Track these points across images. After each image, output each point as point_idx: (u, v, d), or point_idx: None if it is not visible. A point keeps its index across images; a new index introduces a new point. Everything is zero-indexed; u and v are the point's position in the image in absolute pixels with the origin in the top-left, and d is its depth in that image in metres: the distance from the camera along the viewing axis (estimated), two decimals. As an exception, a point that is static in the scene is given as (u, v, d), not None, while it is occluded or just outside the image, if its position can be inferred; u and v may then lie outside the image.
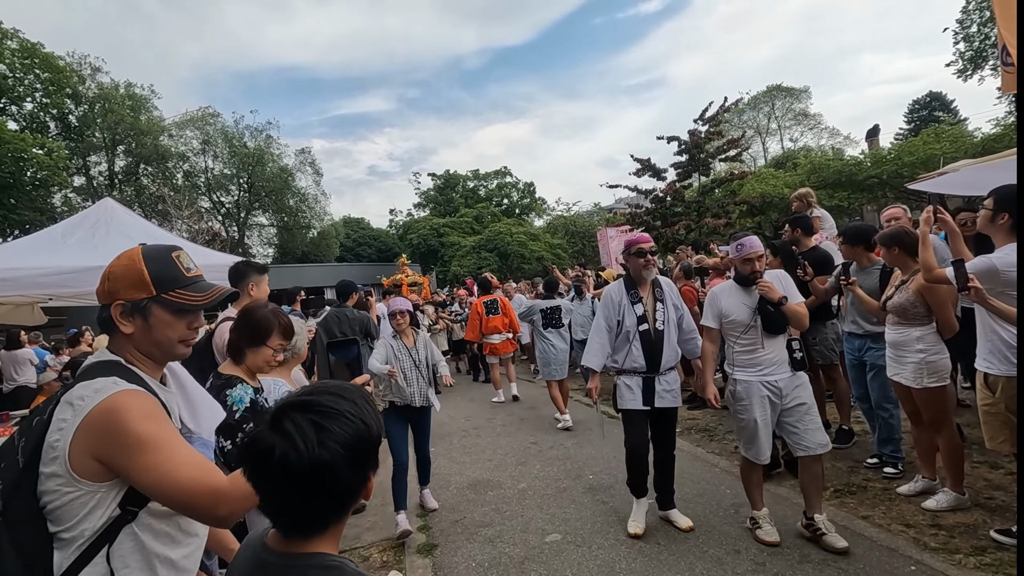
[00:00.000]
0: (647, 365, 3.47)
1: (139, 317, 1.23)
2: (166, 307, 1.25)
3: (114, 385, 1.10)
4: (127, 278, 1.22)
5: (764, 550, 3.15)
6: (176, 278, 1.27)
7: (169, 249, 1.31)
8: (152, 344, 1.25)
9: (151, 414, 1.12)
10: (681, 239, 13.62)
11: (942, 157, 11.69)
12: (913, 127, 33.32)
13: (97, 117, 27.06)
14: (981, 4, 24.34)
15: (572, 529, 3.67)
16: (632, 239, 3.63)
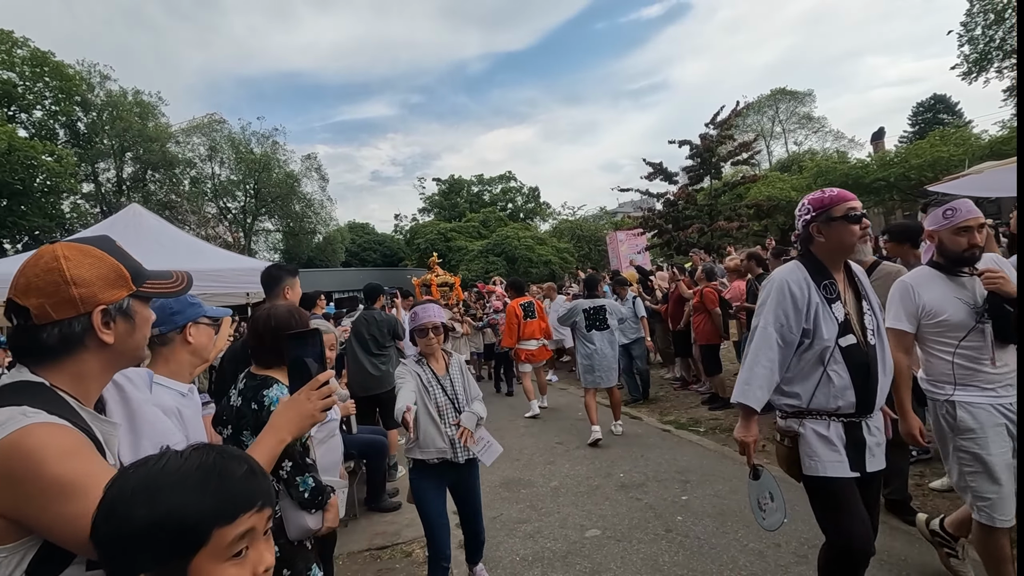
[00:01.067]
0: (857, 403, 2.11)
1: (122, 320, 1.03)
2: (144, 302, 1.09)
3: (23, 417, 0.85)
4: (102, 276, 1.00)
5: (805, 543, 3.21)
6: (140, 268, 1.10)
7: (107, 239, 1.09)
8: (129, 351, 1.07)
9: (72, 450, 0.88)
10: (693, 242, 13.71)
11: (967, 159, 11.74)
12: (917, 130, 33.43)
13: (105, 124, 27.26)
14: (985, 7, 24.46)
15: (610, 525, 3.73)
16: (831, 196, 2.15)
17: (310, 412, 1.22)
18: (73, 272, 0.98)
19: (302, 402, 1.22)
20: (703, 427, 5.91)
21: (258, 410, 2.05)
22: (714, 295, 6.20)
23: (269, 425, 1.18)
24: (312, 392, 1.23)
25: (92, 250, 1.02)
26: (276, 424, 1.19)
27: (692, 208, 15.13)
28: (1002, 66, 25.05)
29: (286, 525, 2.13)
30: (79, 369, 1.00)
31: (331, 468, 3.20)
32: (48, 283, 0.96)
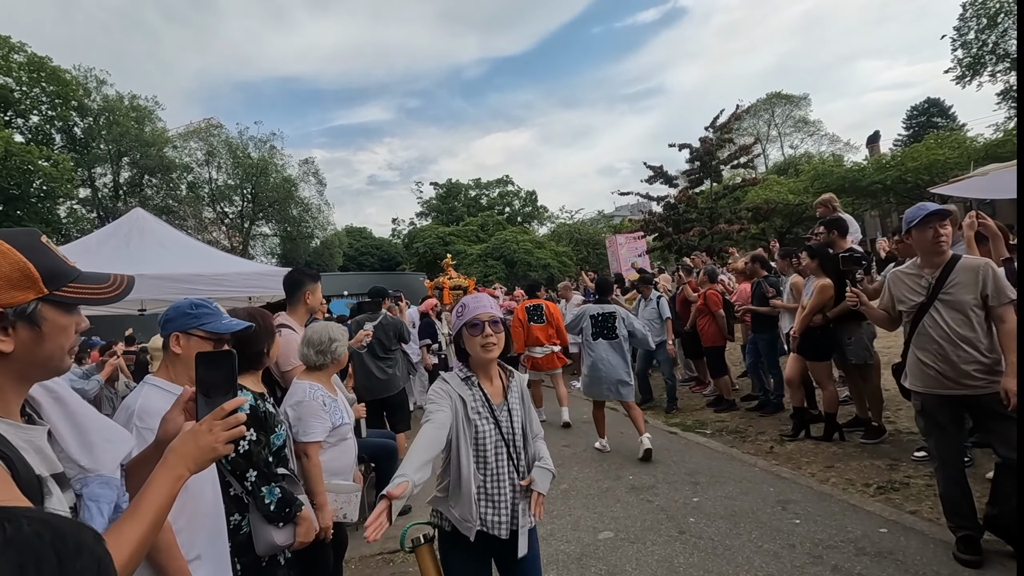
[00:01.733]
0: None
1: (25, 327, 0.89)
2: (61, 308, 0.94)
3: None
4: (2, 276, 0.86)
5: (819, 544, 3.22)
6: (63, 269, 0.95)
7: (31, 233, 0.96)
8: (38, 362, 0.93)
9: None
10: (694, 245, 13.76)
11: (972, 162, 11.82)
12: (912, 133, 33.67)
13: (102, 129, 27.19)
14: (978, 11, 24.71)
15: (623, 527, 3.72)
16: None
17: (210, 444, 1.05)
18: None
19: (202, 433, 1.05)
20: (709, 429, 5.91)
21: None
22: (717, 297, 6.22)
23: (163, 460, 1.02)
24: (215, 423, 1.06)
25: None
26: (171, 460, 1.02)
27: (693, 211, 15.21)
28: (995, 70, 25.29)
29: (254, 540, 2.07)
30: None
31: (345, 471, 3.19)
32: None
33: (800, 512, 3.64)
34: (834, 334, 4.74)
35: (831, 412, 4.90)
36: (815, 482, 4.14)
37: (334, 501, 2.65)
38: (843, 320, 4.64)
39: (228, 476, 2.08)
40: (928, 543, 3.09)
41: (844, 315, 4.61)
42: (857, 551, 3.09)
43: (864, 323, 4.59)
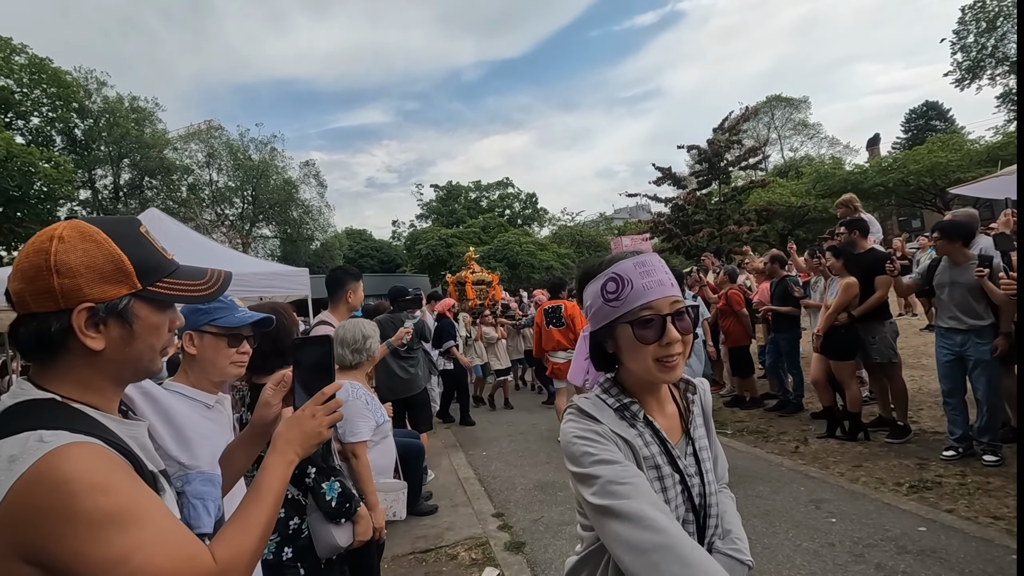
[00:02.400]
0: None
1: (117, 324, 0.84)
2: (154, 305, 0.89)
3: (40, 444, 0.71)
4: (94, 267, 0.82)
5: (859, 542, 3.20)
6: (159, 263, 0.90)
7: (130, 222, 0.91)
8: (129, 361, 0.88)
9: (107, 478, 0.73)
10: (703, 246, 13.80)
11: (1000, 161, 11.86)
12: (911, 136, 33.88)
13: (103, 131, 27.12)
14: (977, 15, 24.88)
15: (656, 526, 3.70)
16: None
17: (315, 430, 1.06)
18: (60, 258, 0.80)
19: (306, 419, 1.06)
20: (729, 429, 5.89)
21: None
22: (739, 296, 6.22)
23: (272, 447, 1.03)
24: (318, 408, 1.07)
25: (96, 234, 0.84)
26: (279, 446, 1.03)
27: (701, 212, 15.26)
28: (995, 73, 25.46)
29: (315, 543, 2.03)
30: (78, 376, 0.84)
31: (388, 469, 3.17)
32: (32, 266, 0.81)
33: (835, 511, 3.63)
34: (858, 333, 4.75)
35: (856, 411, 4.89)
36: (845, 481, 4.13)
37: (383, 499, 2.63)
38: (867, 319, 4.65)
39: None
40: (970, 541, 3.08)
41: (868, 314, 4.62)
42: (899, 550, 3.08)
43: (888, 322, 4.60)
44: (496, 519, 4.12)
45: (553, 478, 4.88)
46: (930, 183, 19.42)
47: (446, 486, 4.94)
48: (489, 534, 3.86)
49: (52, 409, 0.79)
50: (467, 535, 3.90)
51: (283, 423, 1.07)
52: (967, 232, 3.94)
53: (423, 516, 4.26)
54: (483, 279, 12.44)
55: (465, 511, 4.32)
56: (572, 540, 3.60)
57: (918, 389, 6.02)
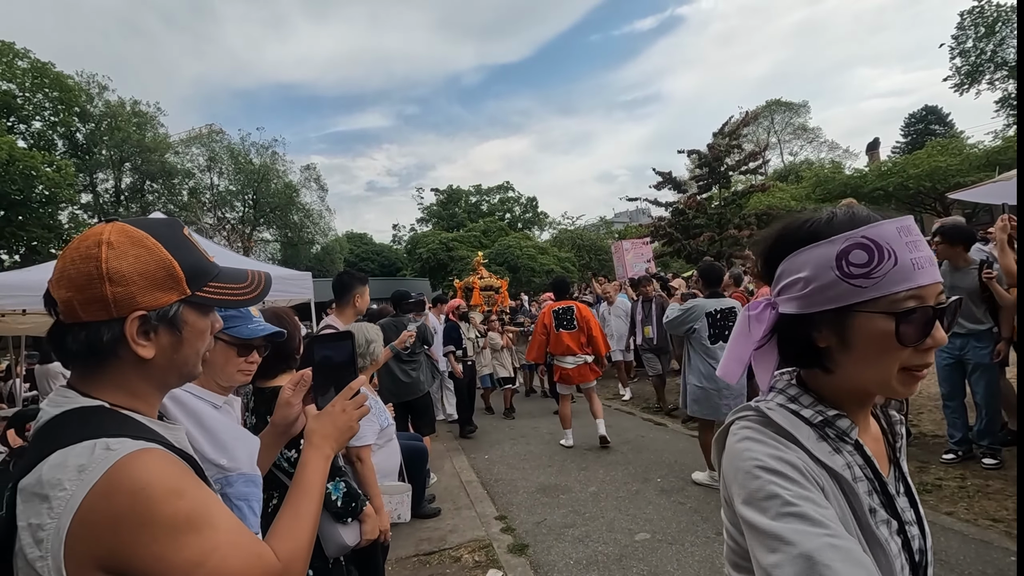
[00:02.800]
0: None
1: (167, 331, 0.83)
2: (201, 310, 0.88)
3: (108, 452, 0.70)
4: (147, 274, 0.80)
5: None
6: (205, 267, 0.88)
7: (173, 224, 0.89)
8: (176, 367, 0.87)
9: (180, 482, 0.75)
10: (704, 250, 13.84)
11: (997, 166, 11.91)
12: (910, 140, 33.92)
13: (104, 135, 27.21)
14: (976, 20, 24.98)
15: (659, 528, 3.73)
16: None
17: (347, 424, 1.07)
18: (112, 265, 0.77)
19: (337, 414, 1.07)
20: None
21: None
22: (744, 300, 6.25)
23: (307, 444, 1.04)
24: (347, 402, 1.08)
25: (145, 239, 0.81)
26: (316, 441, 1.04)
27: (702, 216, 15.31)
28: (994, 78, 25.54)
29: (323, 542, 2.04)
30: (125, 383, 0.83)
31: (392, 472, 3.20)
32: (81, 274, 0.77)
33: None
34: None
35: None
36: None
37: (388, 502, 2.66)
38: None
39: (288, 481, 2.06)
40: (969, 543, 3.11)
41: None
42: (899, 551, 3.10)
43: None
44: (499, 521, 4.14)
45: (555, 481, 4.90)
46: (930, 187, 19.44)
47: (449, 489, 4.96)
48: (492, 536, 3.88)
49: (106, 416, 0.78)
50: (470, 537, 3.92)
51: (314, 420, 1.08)
52: (969, 236, 3.98)
53: (426, 519, 4.29)
54: (492, 285, 11.89)
55: (468, 514, 4.35)
56: (575, 542, 3.65)
57: (917, 393, 6.02)
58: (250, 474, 1.33)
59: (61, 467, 0.69)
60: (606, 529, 3.81)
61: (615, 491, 4.51)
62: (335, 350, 1.15)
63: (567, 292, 6.16)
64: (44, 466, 0.70)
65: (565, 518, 4.07)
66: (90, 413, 0.77)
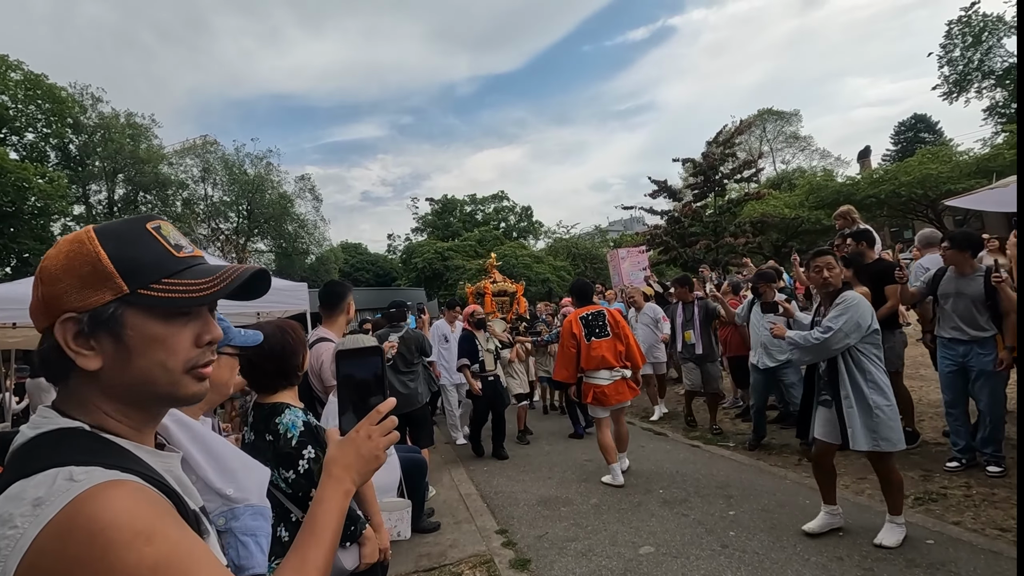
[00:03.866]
0: None
1: (107, 337, 0.70)
2: (150, 311, 0.73)
3: (69, 484, 0.60)
4: (73, 271, 0.70)
5: (868, 555, 3.18)
6: (158, 262, 0.74)
7: (139, 219, 0.77)
8: (137, 383, 0.73)
9: (150, 523, 0.63)
10: (700, 258, 13.88)
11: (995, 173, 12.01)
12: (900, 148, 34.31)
13: (98, 146, 27.13)
14: (963, 30, 25.35)
15: (662, 542, 3.67)
16: None
17: (373, 453, 0.93)
18: (45, 264, 0.71)
19: (362, 441, 0.93)
20: (732, 441, 5.87)
21: (274, 440, 1.91)
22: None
23: (326, 475, 0.91)
24: (373, 428, 0.94)
25: (85, 234, 0.72)
26: (336, 473, 0.91)
27: (697, 224, 15.38)
28: (981, 86, 25.90)
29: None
30: (93, 401, 0.72)
31: (391, 488, 3.14)
32: (36, 278, 0.74)
33: (842, 524, 3.60)
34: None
35: None
36: (851, 494, 4.11)
37: (388, 519, 2.59)
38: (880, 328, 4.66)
39: (288, 503, 1.99)
40: (978, 554, 3.06)
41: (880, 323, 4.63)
42: (908, 563, 3.05)
43: (897, 331, 4.63)
44: (500, 536, 4.06)
45: (556, 493, 4.83)
46: (921, 194, 19.60)
47: (448, 502, 4.88)
48: (493, 551, 3.81)
49: (81, 440, 0.68)
50: (471, 552, 3.85)
51: (335, 447, 0.95)
52: (977, 243, 3.98)
53: (426, 533, 4.20)
54: (505, 289, 10.66)
55: (468, 528, 4.27)
56: (578, 557, 3.58)
57: (918, 400, 6.00)
58: (259, 506, 1.23)
59: (16, 500, 0.59)
60: (609, 543, 3.74)
61: (617, 503, 4.44)
62: (360, 367, 1.01)
63: (591, 296, 5.33)
64: (1, 499, 0.61)
65: (567, 531, 4.00)
66: (66, 436, 0.68)
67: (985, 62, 25.48)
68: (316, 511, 0.88)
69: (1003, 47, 24.83)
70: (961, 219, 22.15)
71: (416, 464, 4.19)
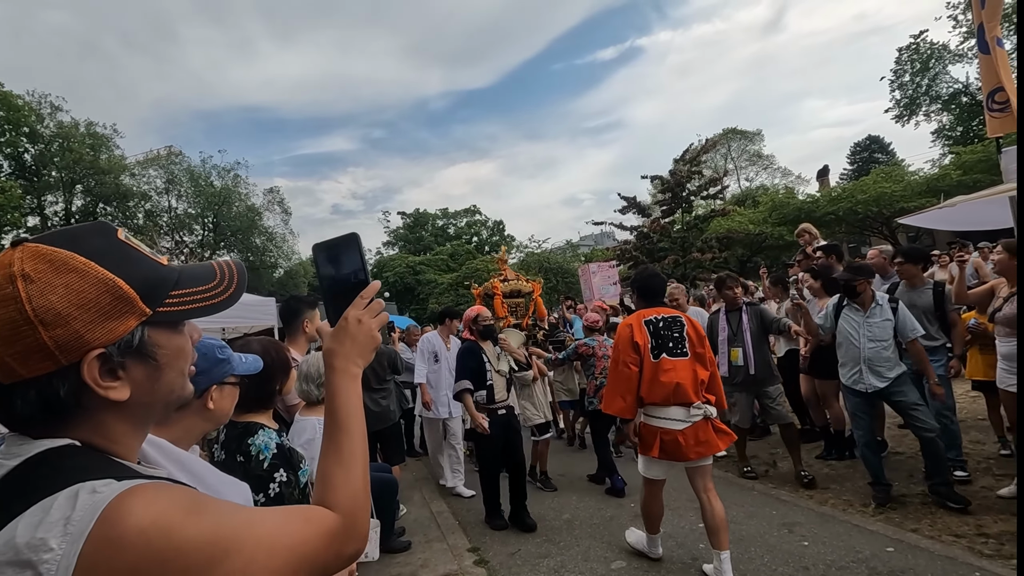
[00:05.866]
0: None
1: (138, 363, 0.68)
2: (171, 327, 0.73)
3: (95, 496, 0.57)
4: (87, 303, 0.63)
5: (831, 565, 3.26)
6: (159, 274, 0.71)
7: (103, 230, 0.70)
8: (159, 399, 0.73)
9: (192, 499, 0.64)
10: (668, 273, 14.16)
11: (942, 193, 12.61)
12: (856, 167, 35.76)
13: (55, 156, 26.20)
14: (912, 56, 26.76)
15: (634, 556, 3.68)
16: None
17: (368, 334, 0.92)
18: (38, 303, 0.61)
19: (353, 326, 0.91)
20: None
21: (245, 462, 1.86)
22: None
23: (330, 368, 0.90)
24: (361, 313, 0.92)
25: (71, 259, 0.63)
26: (338, 364, 0.89)
27: (666, 240, 15.73)
28: (929, 110, 27.34)
29: None
30: (97, 428, 0.68)
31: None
32: (2, 323, 0.61)
33: (807, 534, 3.69)
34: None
35: (839, 429, 5.03)
36: (815, 504, 4.22)
37: (357, 539, 2.53)
38: None
39: None
40: (936, 560, 3.17)
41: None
42: (870, 571, 3.15)
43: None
44: (472, 553, 4.02)
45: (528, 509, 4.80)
46: (876, 212, 20.48)
47: (419, 520, 4.81)
48: (465, 569, 3.77)
49: (80, 456, 0.64)
50: (443, 571, 3.79)
51: (329, 340, 0.93)
52: (925, 257, 4.20)
53: (396, 553, 4.13)
54: (519, 289, 8.08)
55: (440, 546, 4.21)
56: (550, 573, 3.56)
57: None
58: None
59: (40, 525, 0.55)
60: (582, 558, 3.74)
61: (589, 518, 4.45)
62: (340, 258, 0.97)
63: (661, 293, 3.72)
64: (18, 526, 0.56)
65: (539, 548, 3.99)
66: (60, 455, 0.63)
67: (933, 87, 26.93)
68: (334, 404, 0.88)
69: (948, 73, 26.33)
70: (914, 235, 23.20)
71: (387, 484, 4.13)
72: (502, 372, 4.58)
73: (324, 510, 0.77)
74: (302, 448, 2.51)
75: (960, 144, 22.58)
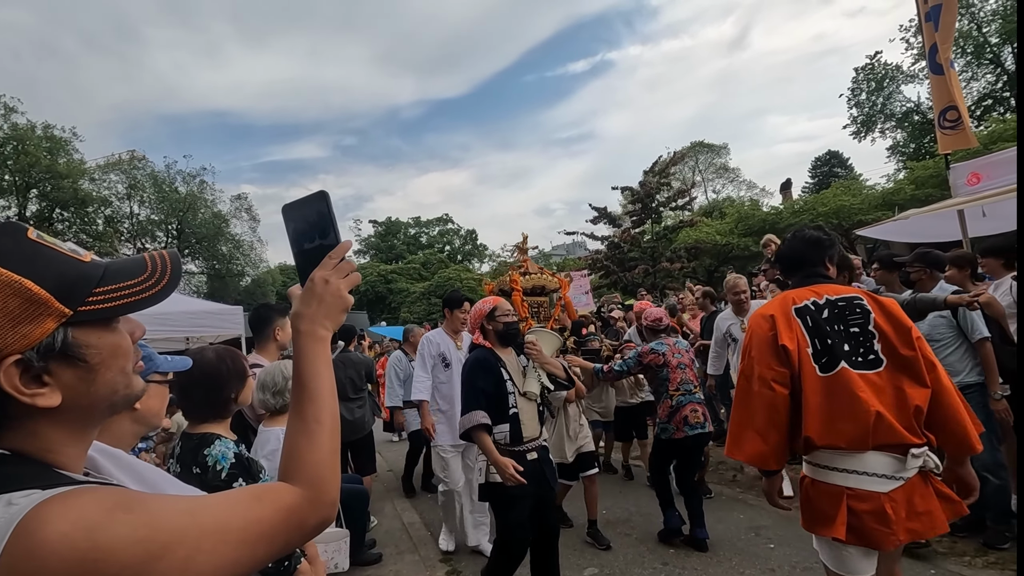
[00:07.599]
0: None
1: (65, 366, 0.65)
2: (102, 325, 0.69)
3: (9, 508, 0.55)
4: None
5: (796, 566, 3.36)
6: (79, 272, 0.67)
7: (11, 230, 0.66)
8: (100, 400, 0.69)
9: (117, 497, 0.60)
10: (639, 282, 14.39)
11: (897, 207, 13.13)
12: (817, 181, 37.07)
13: (8, 159, 25.17)
14: (868, 76, 28.01)
15: (606, 562, 3.72)
16: None
17: (336, 295, 0.88)
18: None
19: (320, 287, 0.87)
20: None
21: (201, 473, 1.82)
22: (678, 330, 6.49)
23: (297, 332, 0.87)
24: (328, 272, 0.89)
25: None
26: (304, 328, 0.86)
27: (636, 250, 16.00)
28: (884, 127, 28.62)
29: None
30: (31, 436, 0.64)
31: (331, 518, 3.01)
32: None
33: (773, 537, 3.79)
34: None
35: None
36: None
37: (324, 551, 2.51)
38: None
39: None
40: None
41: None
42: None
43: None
44: (444, 564, 4.00)
45: (501, 518, 4.80)
46: (836, 224, 21.25)
47: (390, 532, 4.76)
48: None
49: (6, 466, 0.61)
50: (415, 584, 3.75)
51: (297, 303, 0.89)
52: (900, 265, 4.33)
53: (367, 565, 4.07)
54: (544, 286, 6.42)
55: (411, 558, 4.17)
56: (523, 582, 3.55)
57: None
58: None
59: None
60: None
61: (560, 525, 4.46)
62: (307, 214, 0.94)
63: (820, 263, 2.18)
64: None
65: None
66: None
67: (887, 105, 28.19)
68: (300, 368, 0.85)
69: (901, 93, 27.63)
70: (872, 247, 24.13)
71: (357, 495, 4.08)
72: (531, 395, 3.01)
73: (280, 485, 0.75)
74: (266, 459, 2.47)
75: (913, 159, 23.64)
